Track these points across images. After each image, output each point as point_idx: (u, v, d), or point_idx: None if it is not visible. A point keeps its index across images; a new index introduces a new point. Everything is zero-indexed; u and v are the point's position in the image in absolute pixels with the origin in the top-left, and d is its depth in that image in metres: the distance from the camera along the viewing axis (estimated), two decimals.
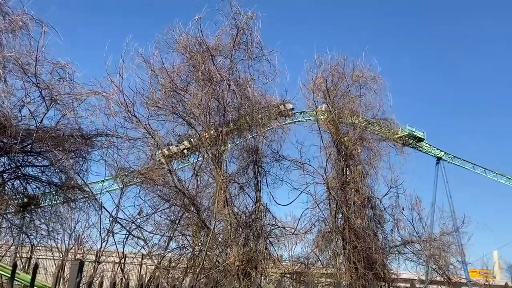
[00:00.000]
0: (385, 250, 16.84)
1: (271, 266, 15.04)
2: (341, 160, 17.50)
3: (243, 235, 14.59)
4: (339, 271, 15.43)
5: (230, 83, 14.15)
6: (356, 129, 17.93)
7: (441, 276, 17.76)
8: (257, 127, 15.31)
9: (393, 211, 17.52)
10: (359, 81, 18.10)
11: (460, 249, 19.20)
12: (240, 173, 15.76)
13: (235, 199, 15.27)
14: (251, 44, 14.46)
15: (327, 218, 16.43)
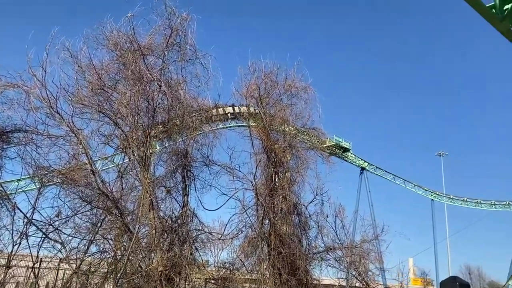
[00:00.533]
0: (309, 256, 17.22)
1: (196, 272, 14.84)
2: (270, 167, 17.71)
3: (168, 240, 14.29)
4: (263, 276, 15.53)
5: (161, 84, 13.84)
6: (286, 137, 18.24)
7: (360, 282, 18.46)
8: (187, 130, 15.08)
9: (318, 218, 18.01)
10: (291, 90, 18.44)
11: (379, 256, 20.09)
12: (168, 177, 15.44)
13: (161, 203, 14.93)
14: (185, 45, 14.25)
15: (254, 224, 16.51)
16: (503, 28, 8.24)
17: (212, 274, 16.05)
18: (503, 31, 8.36)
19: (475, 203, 63.57)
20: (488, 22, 8.08)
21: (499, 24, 8.08)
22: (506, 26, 8.17)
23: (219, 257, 16.45)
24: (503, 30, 8.32)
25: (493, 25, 8.10)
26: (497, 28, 8.18)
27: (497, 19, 8.03)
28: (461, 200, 63.91)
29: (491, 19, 7.98)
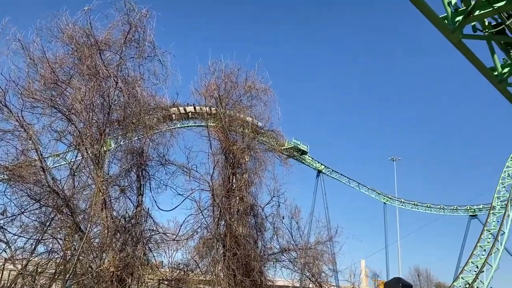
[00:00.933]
0: (264, 258, 17.30)
1: (149, 273, 14.57)
2: (228, 168, 17.67)
3: (121, 240, 13.97)
4: (217, 278, 15.46)
5: (117, 81, 13.52)
6: (245, 138, 18.24)
7: (314, 283, 18.69)
8: (144, 128, 14.79)
9: (274, 219, 18.11)
10: (251, 92, 18.48)
11: (332, 258, 20.43)
12: (122, 176, 15.08)
13: (115, 202, 14.58)
14: (144, 42, 13.99)
15: (210, 225, 16.41)
16: (454, 39, 8.57)
17: (165, 275, 15.81)
18: (454, 42, 8.69)
19: (425, 207, 65.87)
20: (440, 32, 8.38)
21: (451, 35, 8.39)
22: (457, 37, 8.50)
23: (174, 258, 16.22)
24: (454, 41, 8.65)
25: (445, 35, 8.41)
26: (448, 38, 8.50)
27: (449, 30, 8.34)
28: (412, 204, 66.05)
29: (443, 29, 8.28)
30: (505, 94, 10.89)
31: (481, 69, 9.82)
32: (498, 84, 10.40)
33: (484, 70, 9.88)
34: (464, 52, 9.09)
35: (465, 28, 8.83)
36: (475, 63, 9.51)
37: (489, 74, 10.08)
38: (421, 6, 7.83)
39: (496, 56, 10.16)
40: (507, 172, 51.55)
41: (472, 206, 63.48)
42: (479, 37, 9.22)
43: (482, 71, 9.90)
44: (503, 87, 10.51)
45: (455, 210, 64.93)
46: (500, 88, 10.51)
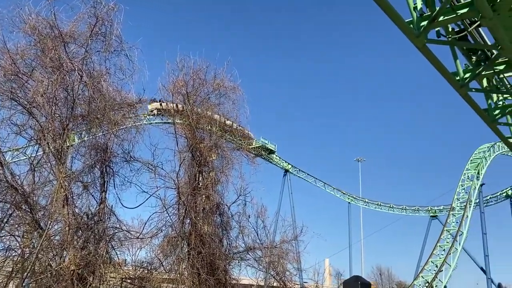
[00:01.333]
0: (229, 256, 17.27)
1: (111, 271, 14.29)
2: (194, 166, 17.53)
3: (83, 238, 13.66)
4: (181, 276, 15.33)
5: (82, 74, 13.18)
6: (213, 136, 18.16)
7: (278, 282, 18.80)
8: (109, 124, 14.48)
9: (240, 218, 18.10)
10: (219, 90, 18.39)
11: (297, 256, 20.61)
12: (86, 172, 14.73)
13: (77, 199, 14.24)
14: (110, 36, 13.69)
15: (175, 223, 16.25)
16: (419, 43, 8.78)
17: (128, 273, 15.56)
18: (419, 46, 8.90)
19: (388, 207, 67.29)
20: (406, 36, 8.57)
21: (416, 39, 8.59)
22: (422, 41, 8.71)
23: (137, 256, 15.98)
24: (418, 45, 8.86)
25: (410, 39, 8.60)
26: (413, 42, 8.70)
27: (414, 34, 8.54)
28: (376, 204, 67.36)
29: (409, 33, 8.47)
30: (465, 99, 11.24)
31: (444, 74, 10.09)
32: (460, 89, 10.72)
33: (446, 74, 10.16)
34: (428, 56, 9.32)
35: (430, 33, 9.07)
36: (438, 68, 9.77)
37: (452, 79, 10.37)
38: (388, 10, 7.98)
39: (459, 61, 10.47)
40: (467, 175, 53.27)
41: (433, 207, 65.28)
42: (442, 42, 9.47)
43: (445, 76, 10.19)
44: (464, 91, 10.84)
45: (417, 211, 66.63)
46: (462, 92, 10.84)
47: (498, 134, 13.64)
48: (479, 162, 52.68)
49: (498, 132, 13.44)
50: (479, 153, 54.17)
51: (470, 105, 11.66)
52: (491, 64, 10.27)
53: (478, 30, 9.54)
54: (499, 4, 7.89)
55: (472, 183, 51.94)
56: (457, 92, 10.95)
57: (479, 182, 52.53)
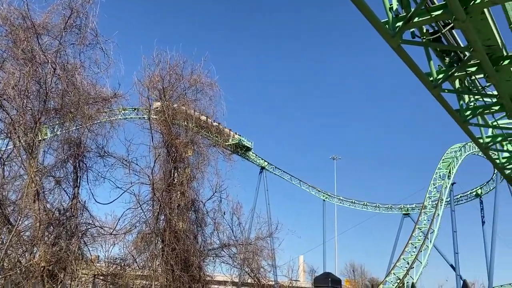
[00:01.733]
0: (203, 253, 17.22)
1: (83, 267, 14.09)
2: (170, 162, 17.39)
3: (54, 234, 13.42)
4: (155, 273, 15.21)
5: (55, 67, 12.91)
6: (189, 132, 18.03)
7: (252, 278, 18.86)
8: (82, 118, 14.24)
9: (215, 215, 18.06)
10: (196, 85, 18.27)
11: (272, 253, 20.70)
12: (58, 166, 14.49)
13: (49, 194, 14.01)
14: (85, 29, 13.47)
15: (149, 220, 16.12)
16: (394, 43, 8.89)
17: (101, 270, 15.37)
18: (394, 47, 9.01)
19: (362, 205, 68.16)
20: (381, 36, 8.67)
21: (391, 40, 8.70)
22: (397, 42, 8.82)
23: (110, 253, 15.80)
24: (393, 46, 8.97)
25: (386, 39, 8.70)
26: (388, 42, 8.81)
27: (389, 35, 8.64)
28: (350, 201, 68.14)
29: (384, 34, 8.57)
30: (438, 99, 11.45)
31: (418, 74, 10.25)
32: (433, 89, 10.91)
33: (420, 75, 10.32)
34: (402, 56, 9.45)
35: (405, 33, 9.20)
36: (413, 68, 9.92)
37: (425, 79, 10.55)
38: (364, 10, 8.05)
39: (432, 62, 10.66)
40: (439, 174, 54.40)
41: (406, 205, 66.40)
42: (417, 43, 9.61)
43: (419, 76, 10.35)
44: (437, 92, 11.04)
45: (390, 209, 67.71)
46: (435, 93, 11.04)
47: (469, 134, 13.94)
48: (450, 161, 53.85)
49: (469, 132, 13.74)
50: (450, 152, 55.37)
51: (442, 106, 11.89)
52: (463, 66, 10.48)
53: (452, 32, 9.71)
54: (472, 7, 8.06)
55: (444, 182, 53.08)
56: (430, 93, 11.15)
57: (450, 181, 53.70)
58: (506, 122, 14.08)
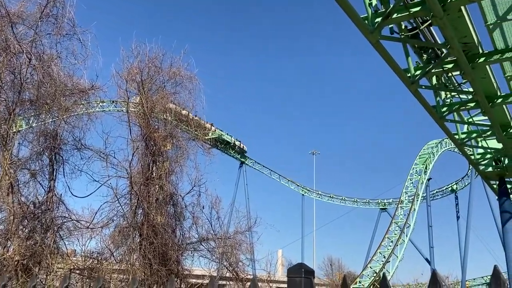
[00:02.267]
0: (182, 247, 17.13)
1: (59, 262, 13.88)
2: (148, 155, 17.22)
3: (29, 227, 13.18)
4: (132, 267, 15.08)
5: (31, 57, 12.63)
6: (167, 126, 17.88)
7: (231, 272, 18.86)
8: (59, 110, 13.97)
9: (194, 209, 17.96)
10: (175, 78, 18.10)
11: (250, 247, 20.73)
12: (34, 159, 14.20)
13: (23, 187, 13.72)
14: (62, 18, 13.19)
15: (127, 213, 15.95)
16: (373, 39, 8.99)
17: (77, 264, 15.16)
18: (373, 42, 9.12)
19: (340, 200, 68.85)
20: (361, 32, 8.75)
21: (370, 35, 8.80)
22: (375, 37, 8.93)
23: (87, 247, 15.59)
24: (372, 41, 9.08)
25: (365, 35, 8.80)
26: (367, 38, 8.90)
27: (368, 30, 8.73)
28: (328, 196, 68.76)
29: (363, 29, 8.66)
30: (415, 95, 11.63)
31: (396, 70, 10.40)
32: (411, 86, 11.08)
33: (398, 71, 10.47)
34: (381, 52, 9.57)
35: (384, 30, 9.30)
36: (391, 64, 10.05)
37: (403, 75, 10.70)
38: (344, 5, 8.11)
39: (410, 58, 10.81)
40: (415, 169, 55.26)
41: (383, 200, 67.33)
42: (395, 39, 9.74)
43: (397, 72, 10.49)
44: (415, 88, 11.21)
45: (367, 203, 68.55)
46: (412, 89, 11.21)
47: (445, 130, 14.21)
48: (427, 157, 54.73)
49: (445, 128, 14.01)
50: (427, 149, 56.26)
51: (419, 102, 12.08)
52: (440, 63, 10.67)
53: (430, 29, 9.86)
54: (449, 4, 8.19)
55: (420, 177, 53.93)
56: (408, 89, 11.32)
57: (426, 176, 54.60)
58: (481, 119, 14.39)
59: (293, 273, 1.84)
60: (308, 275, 1.76)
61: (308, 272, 1.82)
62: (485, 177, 18.41)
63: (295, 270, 1.89)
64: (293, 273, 1.83)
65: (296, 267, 1.97)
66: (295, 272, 1.83)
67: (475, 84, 11.20)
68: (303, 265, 2.02)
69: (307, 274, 1.79)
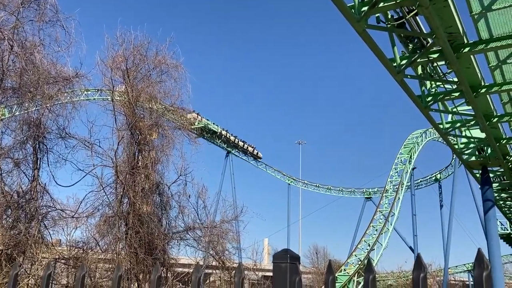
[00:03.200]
0: (168, 236, 17.13)
1: (44, 251, 13.78)
2: (134, 144, 17.10)
3: (13, 217, 13.04)
4: (118, 256, 15.04)
5: (13, 44, 12.38)
6: (153, 115, 17.75)
7: (217, 261, 18.94)
8: (42, 98, 13.77)
9: (180, 198, 17.93)
10: (161, 67, 17.94)
11: (237, 236, 20.82)
12: (17, 148, 14.02)
13: (7, 176, 13.55)
14: (45, 5, 12.94)
15: (112, 203, 15.86)
16: (359, 28, 9.00)
17: (62, 253, 15.07)
18: (359, 31, 9.13)
19: (326, 189, 69.31)
20: (347, 20, 8.75)
21: (356, 24, 8.80)
22: (362, 26, 8.93)
23: (72, 236, 15.48)
24: (359, 30, 9.09)
25: (351, 24, 8.80)
26: (354, 27, 8.91)
27: (354, 19, 8.73)
28: (314, 185, 69.17)
29: (350, 18, 8.65)
30: (401, 85, 11.71)
31: (382, 60, 10.43)
32: (396, 75, 11.14)
33: (384, 60, 10.51)
34: (367, 41, 9.58)
35: (370, 19, 9.31)
36: (377, 53, 10.08)
37: (389, 65, 10.75)
38: None
39: (396, 48, 10.86)
40: (400, 158, 55.79)
41: (368, 189, 67.95)
42: (381, 28, 9.76)
43: (383, 61, 10.53)
44: (400, 77, 11.28)
45: (353, 192, 69.13)
46: (398, 78, 11.27)
47: (430, 120, 14.35)
48: (411, 147, 55.27)
49: (430, 118, 14.14)
50: (412, 138, 56.78)
51: (405, 91, 12.17)
52: (426, 52, 10.72)
53: (416, 18, 9.90)
54: None
55: (405, 166, 54.50)
56: (394, 78, 11.38)
57: (411, 166, 55.19)
58: (465, 109, 14.56)
59: (278, 259, 1.84)
60: (293, 260, 1.76)
61: (293, 258, 1.82)
62: (468, 166, 18.68)
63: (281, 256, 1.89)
64: (279, 259, 1.84)
65: (282, 253, 1.98)
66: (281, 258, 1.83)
67: (459, 74, 11.30)
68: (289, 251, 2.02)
69: (292, 259, 1.79)
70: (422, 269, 1.73)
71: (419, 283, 1.74)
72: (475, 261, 1.61)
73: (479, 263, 1.59)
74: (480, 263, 1.59)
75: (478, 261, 1.60)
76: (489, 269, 1.58)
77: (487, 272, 1.57)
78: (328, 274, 2.03)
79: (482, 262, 1.58)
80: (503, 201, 27.61)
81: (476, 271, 1.59)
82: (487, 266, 1.57)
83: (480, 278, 1.58)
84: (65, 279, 15.06)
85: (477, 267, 1.59)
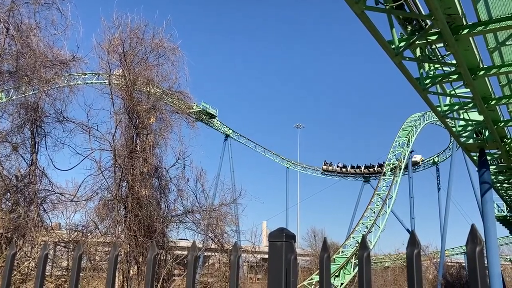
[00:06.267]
0: (167, 219, 17.22)
1: (43, 235, 13.86)
2: (131, 128, 17.07)
3: (12, 200, 13.08)
4: (117, 239, 15.14)
5: (8, 27, 12.26)
6: (151, 98, 17.69)
7: (216, 244, 19.07)
8: (39, 82, 13.69)
9: (179, 181, 17.97)
10: (158, 50, 17.81)
11: (235, 219, 20.94)
12: (15, 132, 13.99)
13: (5, 161, 13.55)
14: None
15: (111, 186, 15.90)
16: (358, 9, 8.93)
17: (62, 237, 15.17)
18: (358, 13, 9.06)
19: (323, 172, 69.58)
20: (345, 2, 8.67)
21: (355, 5, 8.73)
22: (360, 8, 8.87)
23: (71, 220, 15.57)
24: (357, 12, 9.02)
25: (349, 5, 8.72)
26: (352, 8, 8.83)
27: (353, 1, 8.66)
28: (312, 169, 69.42)
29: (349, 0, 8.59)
30: (399, 67, 11.67)
31: (380, 42, 10.38)
32: (395, 57, 11.10)
33: (383, 42, 10.45)
34: (366, 23, 9.52)
35: (368, 0, 9.23)
36: (375, 35, 10.02)
37: (387, 47, 10.70)
38: None
39: (395, 30, 10.79)
40: (398, 142, 55.86)
41: None
42: (380, 9, 9.68)
43: (381, 44, 10.48)
44: (399, 59, 11.24)
45: (351, 176, 69.44)
46: (396, 60, 11.23)
47: (428, 102, 14.34)
48: (409, 130, 55.29)
49: (428, 100, 14.13)
50: (410, 121, 56.77)
51: (403, 74, 12.13)
52: (424, 34, 10.67)
53: (414, 0, 9.83)
54: None
55: (403, 150, 54.60)
56: (392, 61, 11.33)
57: (409, 149, 55.31)
58: (463, 91, 14.54)
59: (274, 238, 1.86)
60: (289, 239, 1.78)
61: (289, 236, 1.84)
62: (466, 149, 18.73)
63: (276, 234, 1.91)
64: (274, 238, 1.85)
65: (277, 232, 1.99)
66: (276, 237, 1.85)
67: (458, 56, 11.26)
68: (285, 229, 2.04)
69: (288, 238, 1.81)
70: (416, 245, 1.76)
71: (412, 259, 1.76)
72: (469, 236, 1.62)
73: (472, 238, 1.61)
74: (474, 238, 1.61)
75: (472, 236, 1.62)
76: (482, 245, 1.60)
77: (480, 248, 1.59)
78: (323, 252, 2.05)
79: (475, 237, 1.60)
80: (500, 183, 27.77)
81: (469, 246, 1.61)
82: (480, 241, 1.59)
83: (473, 253, 1.60)
84: (65, 262, 15.18)
85: (470, 242, 1.61)
